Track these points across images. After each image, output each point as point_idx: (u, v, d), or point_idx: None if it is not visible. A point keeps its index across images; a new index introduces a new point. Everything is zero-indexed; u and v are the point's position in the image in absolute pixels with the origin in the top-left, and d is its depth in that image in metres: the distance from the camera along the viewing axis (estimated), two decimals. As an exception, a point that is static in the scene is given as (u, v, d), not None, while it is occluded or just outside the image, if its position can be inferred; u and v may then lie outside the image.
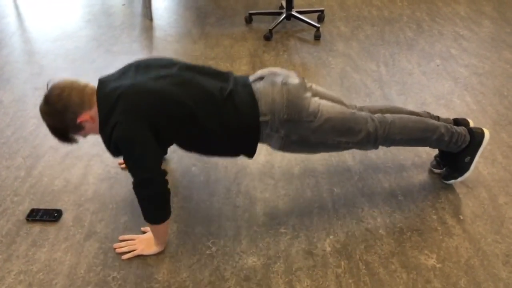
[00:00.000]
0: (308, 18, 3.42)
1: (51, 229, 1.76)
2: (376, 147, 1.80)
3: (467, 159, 1.87)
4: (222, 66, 2.95)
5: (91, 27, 3.52)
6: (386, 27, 3.51)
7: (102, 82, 1.61)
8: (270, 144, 1.70)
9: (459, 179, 1.91)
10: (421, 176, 2.02)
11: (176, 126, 1.55)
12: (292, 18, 3.53)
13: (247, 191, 1.94)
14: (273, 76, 1.68)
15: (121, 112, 1.49)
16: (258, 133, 1.63)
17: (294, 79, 1.68)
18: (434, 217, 1.82)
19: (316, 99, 1.69)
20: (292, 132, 1.64)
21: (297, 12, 3.48)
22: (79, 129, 1.60)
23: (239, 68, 2.92)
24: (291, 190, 1.95)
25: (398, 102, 2.55)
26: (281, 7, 3.74)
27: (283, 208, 1.86)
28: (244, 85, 1.67)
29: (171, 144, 1.67)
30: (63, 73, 2.86)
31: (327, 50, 3.16)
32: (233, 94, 1.60)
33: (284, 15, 3.44)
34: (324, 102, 1.70)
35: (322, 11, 3.62)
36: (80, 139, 1.70)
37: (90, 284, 1.55)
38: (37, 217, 1.79)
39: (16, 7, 3.89)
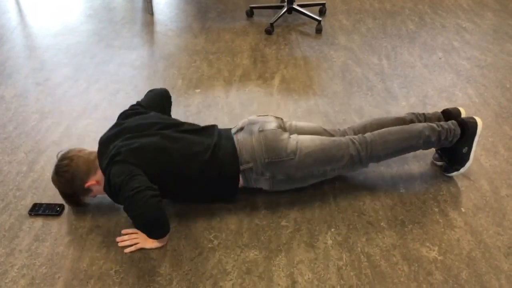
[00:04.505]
0: (310, 12, 3.41)
1: (53, 224, 1.77)
2: (366, 166, 1.86)
3: (464, 150, 1.88)
4: (223, 60, 2.94)
5: (92, 22, 3.52)
6: (388, 20, 3.49)
7: (100, 143, 1.75)
8: (260, 187, 1.80)
9: (461, 170, 1.91)
10: (423, 169, 2.02)
11: (163, 178, 1.65)
12: (293, 12, 3.52)
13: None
14: (251, 126, 1.81)
15: (114, 162, 1.62)
16: (237, 182, 1.76)
17: (270, 124, 1.79)
18: (436, 209, 1.81)
19: (294, 137, 1.79)
20: (277, 172, 1.74)
21: (299, 5, 3.47)
22: (88, 192, 1.75)
23: (240, 63, 2.91)
24: (292, 183, 1.95)
25: (400, 95, 2.55)
26: (282, 1, 3.73)
27: (285, 201, 1.86)
28: (227, 138, 1.80)
29: None
30: (64, 68, 2.86)
31: (329, 43, 3.15)
32: (216, 150, 1.73)
33: (285, 9, 3.43)
34: (302, 138, 1.79)
35: (323, 4, 3.61)
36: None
37: (93, 278, 1.56)
38: (40, 212, 1.80)
39: (17, 3, 3.89)
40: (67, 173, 1.70)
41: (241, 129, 1.83)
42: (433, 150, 2.10)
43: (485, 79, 2.70)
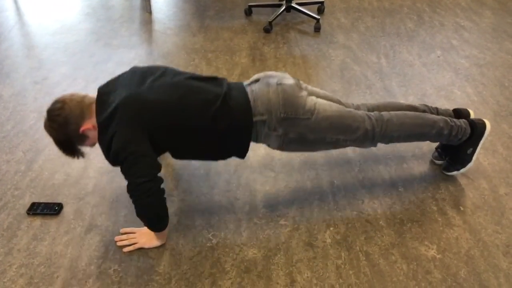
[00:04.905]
0: (308, 10, 3.41)
1: (52, 223, 1.76)
2: (374, 145, 1.81)
3: (469, 151, 1.87)
4: (222, 59, 2.94)
5: (90, 20, 3.51)
6: (387, 19, 3.49)
7: (100, 92, 1.65)
8: (269, 144, 1.73)
9: (462, 170, 1.91)
10: (422, 168, 2.02)
11: (172, 135, 1.59)
12: (292, 10, 3.51)
13: (248, 183, 1.94)
14: (268, 78, 1.72)
15: (119, 123, 1.53)
16: (251, 134, 1.66)
17: (288, 80, 1.72)
18: (435, 208, 1.81)
19: (313, 97, 1.72)
20: (290, 130, 1.66)
21: (297, 4, 3.46)
22: (84, 139, 1.65)
23: (239, 61, 2.91)
24: (291, 182, 1.95)
25: (399, 93, 2.55)
26: (281, -1, 3.72)
27: (284, 200, 1.86)
28: (239, 89, 1.70)
29: (165, 152, 1.69)
30: (62, 67, 2.85)
31: (327, 42, 3.15)
32: (227, 99, 1.63)
33: (284, 7, 3.43)
34: (320, 101, 1.73)
35: (322, 3, 3.60)
36: (86, 149, 1.73)
37: (91, 277, 1.55)
38: (38, 211, 1.80)
39: (15, 1, 3.88)
40: (60, 117, 1.59)
41: (256, 81, 1.73)
42: (432, 148, 2.10)
43: (484, 78, 2.70)
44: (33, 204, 1.83)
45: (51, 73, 2.80)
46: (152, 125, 1.55)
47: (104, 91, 1.64)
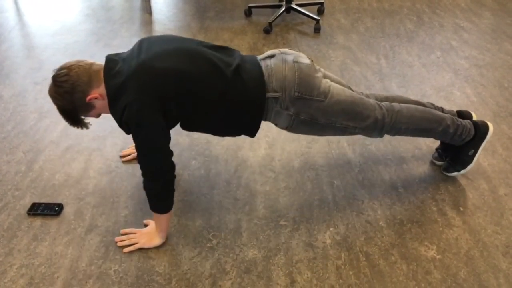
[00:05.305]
0: (308, 11, 3.41)
1: (52, 223, 1.77)
2: (381, 135, 1.79)
3: (470, 152, 1.87)
4: (222, 59, 2.94)
5: (90, 21, 3.52)
6: (386, 19, 3.49)
7: (109, 59, 1.58)
8: (277, 123, 1.69)
9: (462, 171, 1.91)
10: (421, 168, 2.02)
11: (184, 103, 1.54)
12: (291, 11, 3.52)
13: (248, 184, 1.94)
14: (283, 55, 1.68)
15: (131, 93, 1.47)
16: (263, 110, 1.62)
17: (304, 59, 1.68)
18: (434, 208, 1.82)
19: (327, 80, 1.70)
20: (302, 111, 1.64)
21: (297, 4, 3.47)
22: (90, 108, 1.59)
23: (238, 62, 2.91)
24: (291, 183, 1.95)
25: (399, 94, 2.55)
26: (281, 0, 3.73)
27: (284, 200, 1.86)
28: (252, 62, 1.66)
29: (177, 124, 1.64)
30: (62, 68, 2.85)
31: (327, 42, 3.15)
32: (240, 70, 1.59)
33: (284, 8, 3.43)
34: (334, 84, 1.70)
35: (322, 4, 3.61)
36: (90, 121, 1.68)
37: (92, 277, 1.56)
38: (38, 211, 1.80)
39: (15, 2, 3.88)
40: (66, 83, 1.52)
41: (271, 56, 1.69)
42: (432, 149, 2.10)
43: (483, 79, 2.70)
44: (33, 205, 1.83)
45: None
46: (163, 93, 1.49)
47: (112, 58, 1.58)
